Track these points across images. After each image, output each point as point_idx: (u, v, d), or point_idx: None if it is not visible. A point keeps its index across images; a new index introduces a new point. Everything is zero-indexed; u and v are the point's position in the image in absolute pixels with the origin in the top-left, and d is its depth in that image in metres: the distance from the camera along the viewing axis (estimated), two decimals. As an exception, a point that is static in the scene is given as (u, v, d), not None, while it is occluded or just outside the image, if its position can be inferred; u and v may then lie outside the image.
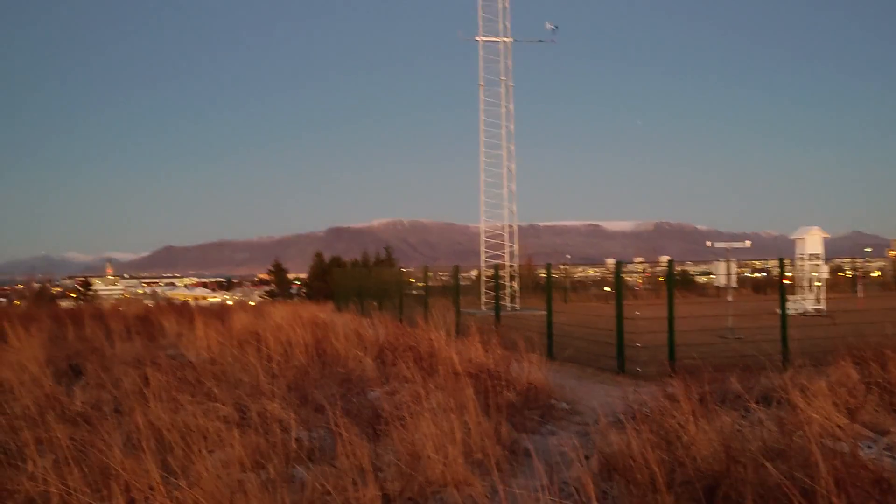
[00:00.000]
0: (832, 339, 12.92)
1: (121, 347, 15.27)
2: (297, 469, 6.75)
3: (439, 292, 30.34)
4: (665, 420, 7.67)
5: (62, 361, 13.55)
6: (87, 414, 8.97)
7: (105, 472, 6.17)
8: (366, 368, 12.13)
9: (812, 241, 25.42)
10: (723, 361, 12.37)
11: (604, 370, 13.82)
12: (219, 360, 12.64)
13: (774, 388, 9.28)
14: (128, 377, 10.94)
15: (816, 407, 8.01)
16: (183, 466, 6.49)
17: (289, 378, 10.84)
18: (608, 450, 6.95)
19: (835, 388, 8.88)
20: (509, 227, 33.22)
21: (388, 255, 54.41)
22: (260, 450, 7.02)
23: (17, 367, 11.76)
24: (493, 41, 32.93)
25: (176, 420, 7.72)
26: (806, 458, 5.99)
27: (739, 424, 7.65)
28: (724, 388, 9.57)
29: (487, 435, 7.75)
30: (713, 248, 20.80)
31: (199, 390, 9.45)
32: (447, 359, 11.39)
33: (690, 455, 6.46)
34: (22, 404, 9.55)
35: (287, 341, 13.95)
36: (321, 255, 56.48)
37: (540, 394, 10.53)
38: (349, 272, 40.20)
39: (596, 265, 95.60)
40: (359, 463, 6.45)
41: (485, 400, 9.05)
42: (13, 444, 7.59)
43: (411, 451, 6.84)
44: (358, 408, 9.15)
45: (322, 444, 7.60)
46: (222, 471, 6.26)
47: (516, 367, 11.39)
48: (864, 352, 10.22)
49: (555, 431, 9.17)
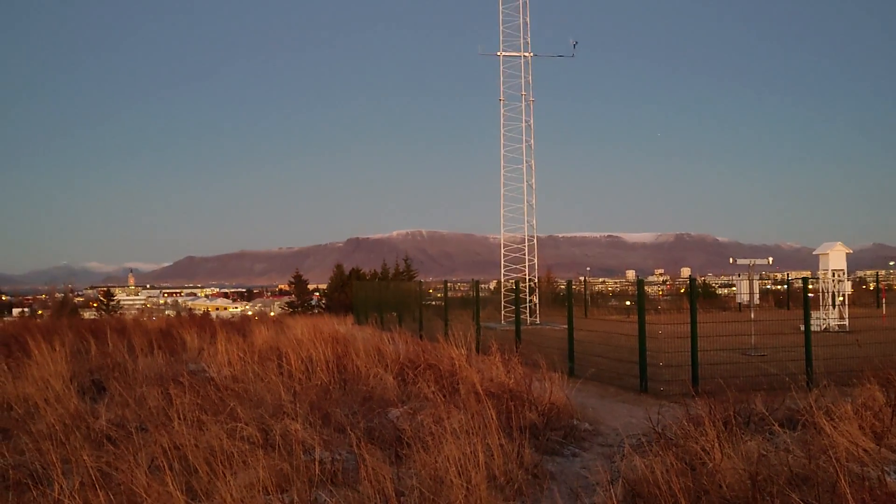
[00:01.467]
0: (856, 357, 12.80)
1: (143, 363, 15.33)
2: (319, 494, 6.76)
3: (459, 305, 30.32)
4: (690, 444, 7.62)
5: (85, 377, 13.64)
6: (112, 433, 9.02)
7: (130, 496, 6.20)
8: (387, 387, 12.13)
9: (836, 256, 25.20)
10: (746, 381, 12.29)
11: (626, 389, 13.75)
12: (240, 377, 12.67)
13: (799, 410, 9.18)
14: (151, 395, 11.00)
15: (842, 430, 7.93)
16: (207, 490, 6.52)
17: (311, 397, 10.84)
18: (632, 475, 6.91)
19: (860, 411, 8.77)
20: (529, 241, 33.15)
21: (408, 266, 54.42)
22: (283, 473, 7.03)
23: (40, 383, 11.86)
24: (513, 56, 32.97)
25: (200, 440, 7.74)
26: (832, 484, 5.93)
27: (765, 449, 7.58)
28: (749, 409, 9.49)
29: (510, 458, 7.72)
30: (735, 265, 20.66)
31: (222, 409, 9.47)
32: (468, 378, 11.37)
33: (715, 483, 6.42)
34: (47, 422, 9.62)
35: (308, 358, 13.97)
36: (341, 266, 56.55)
37: (562, 414, 10.48)
38: (369, 285, 40.27)
39: (616, 277, 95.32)
40: (381, 487, 6.44)
41: (507, 420, 9.04)
42: (39, 466, 7.65)
43: (434, 476, 6.83)
44: (380, 429, 9.15)
45: (345, 467, 7.60)
46: (246, 494, 6.27)
47: (538, 385, 11.35)
48: (890, 372, 10.08)
49: (577, 453, 9.13)
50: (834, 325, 24.61)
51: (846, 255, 25.54)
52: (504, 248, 33.42)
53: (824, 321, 24.57)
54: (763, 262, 21.62)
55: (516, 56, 32.97)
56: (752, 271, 20.17)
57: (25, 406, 10.86)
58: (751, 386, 11.66)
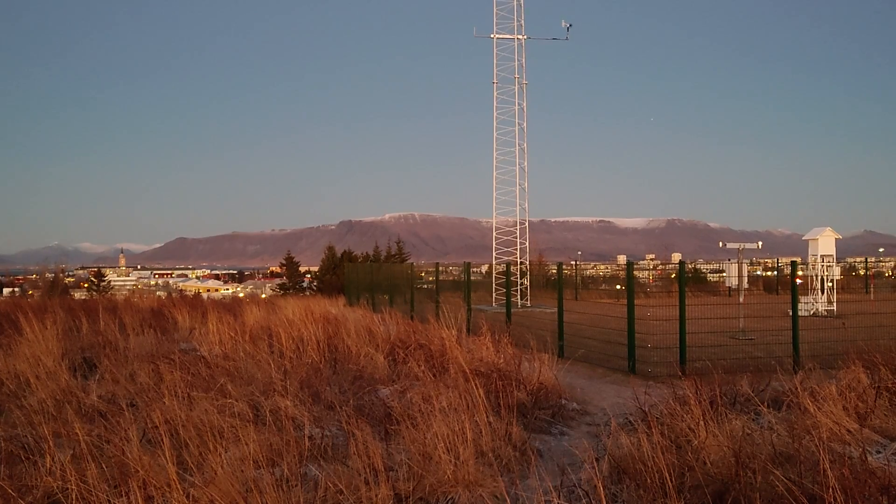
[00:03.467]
0: (843, 341, 12.93)
1: (134, 341, 15.36)
2: (309, 467, 6.83)
3: (450, 287, 30.38)
4: (676, 423, 7.73)
5: (77, 355, 13.66)
6: (104, 409, 9.08)
7: (123, 468, 6.26)
8: (377, 366, 12.20)
9: (825, 242, 25.35)
10: (733, 363, 12.42)
11: (614, 370, 13.85)
12: (231, 355, 12.72)
13: (785, 392, 9.29)
14: (142, 372, 11.05)
15: (826, 411, 8.04)
16: (198, 463, 6.59)
17: (301, 375, 10.91)
18: (618, 452, 7.00)
19: (845, 393, 8.89)
20: (521, 224, 33.23)
21: (400, 249, 54.41)
22: (273, 447, 7.09)
23: (32, 360, 11.88)
24: (507, 39, 32.93)
25: (191, 416, 7.80)
26: (815, 464, 6.03)
27: (749, 428, 7.69)
28: (735, 390, 9.61)
29: (498, 435, 7.81)
30: (725, 249, 20.78)
31: (212, 386, 9.53)
32: (458, 358, 11.44)
33: (700, 459, 6.51)
34: (38, 398, 9.67)
35: (299, 337, 14.02)
36: (333, 248, 56.42)
37: (550, 394, 10.57)
38: (361, 267, 40.21)
39: (607, 262, 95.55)
40: (371, 462, 6.51)
41: (496, 399, 9.12)
42: (31, 439, 7.70)
43: (423, 451, 6.91)
44: (369, 406, 9.22)
45: (334, 443, 7.68)
46: (237, 468, 6.34)
47: (527, 366, 11.44)
48: (875, 356, 10.20)
49: (565, 432, 9.23)
50: (822, 309, 24.79)
51: (835, 240, 25.69)
52: (496, 231, 33.50)
53: (813, 306, 24.75)
54: (753, 247, 21.77)
55: (510, 39, 32.95)
56: (741, 256, 20.28)
57: (17, 382, 10.88)
58: (738, 368, 11.79)
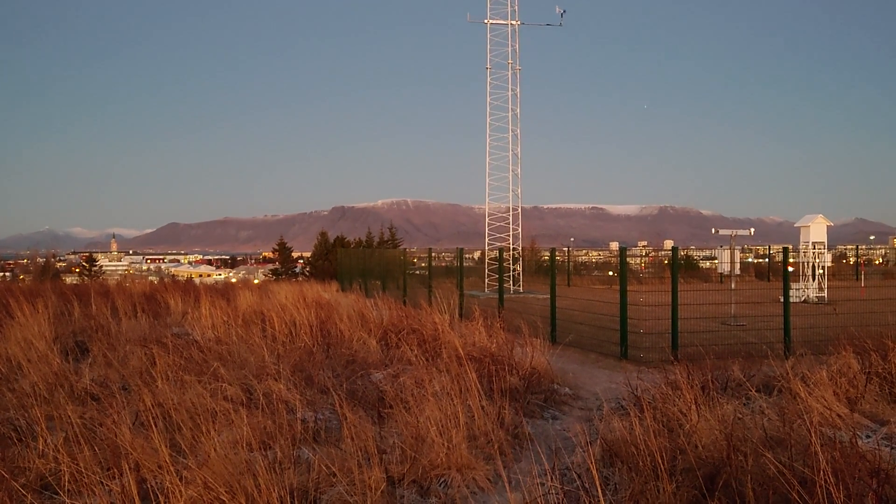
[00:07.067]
0: (834, 327, 12.99)
1: (126, 325, 15.33)
2: (302, 450, 6.84)
3: (443, 273, 30.41)
4: (667, 407, 7.76)
5: (69, 338, 13.64)
6: (96, 392, 9.07)
7: (115, 450, 6.26)
8: (370, 350, 12.22)
9: (816, 229, 25.41)
10: (725, 349, 12.46)
11: (607, 356, 13.89)
12: (224, 339, 12.71)
13: (776, 377, 9.35)
14: (134, 355, 11.04)
15: (817, 396, 8.09)
16: (191, 446, 6.59)
17: (294, 359, 10.91)
18: (610, 436, 7.03)
19: (835, 378, 8.95)
20: (514, 210, 33.23)
21: (392, 235, 54.39)
22: (266, 430, 7.10)
23: (23, 343, 11.85)
24: (501, 24, 32.82)
25: (183, 399, 7.80)
26: (805, 447, 6.06)
27: (741, 413, 7.73)
28: (727, 375, 9.65)
29: (490, 419, 7.83)
30: (717, 236, 20.82)
31: (205, 370, 9.53)
32: (450, 342, 11.46)
33: (692, 443, 6.54)
34: (30, 381, 9.64)
35: (292, 322, 14.02)
36: (326, 234, 56.38)
37: (543, 378, 10.60)
38: (353, 252, 40.17)
39: (599, 248, 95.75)
40: (364, 445, 6.53)
41: (488, 384, 9.14)
42: (23, 422, 7.69)
43: (415, 435, 6.92)
44: (362, 390, 9.24)
45: (327, 426, 7.69)
46: (230, 450, 6.34)
47: (519, 351, 11.46)
48: (865, 341, 10.25)
49: (557, 416, 9.26)
50: (813, 296, 24.90)
51: (827, 228, 25.77)
52: (489, 217, 33.50)
53: (804, 292, 24.85)
54: (745, 234, 21.82)
55: (504, 24, 32.84)
56: (733, 242, 20.33)
57: (8, 365, 10.85)
58: (729, 353, 11.83)
